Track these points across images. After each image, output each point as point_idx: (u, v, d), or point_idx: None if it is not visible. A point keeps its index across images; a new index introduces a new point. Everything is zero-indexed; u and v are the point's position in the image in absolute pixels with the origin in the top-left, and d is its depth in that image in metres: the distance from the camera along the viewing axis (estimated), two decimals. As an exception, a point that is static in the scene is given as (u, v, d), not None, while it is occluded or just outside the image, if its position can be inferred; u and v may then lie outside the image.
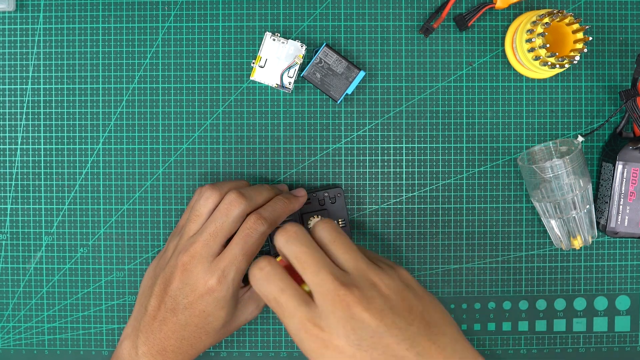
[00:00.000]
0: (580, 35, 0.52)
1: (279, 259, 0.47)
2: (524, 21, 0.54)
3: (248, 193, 0.51)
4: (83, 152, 0.58)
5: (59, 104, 0.57)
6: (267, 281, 0.43)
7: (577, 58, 0.52)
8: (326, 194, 0.56)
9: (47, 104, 0.57)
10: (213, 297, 0.49)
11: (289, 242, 0.44)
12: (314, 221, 0.55)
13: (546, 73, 0.56)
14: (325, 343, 0.40)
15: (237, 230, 0.50)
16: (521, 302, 0.59)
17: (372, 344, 0.39)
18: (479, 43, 0.58)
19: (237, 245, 0.49)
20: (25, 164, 0.58)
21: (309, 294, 0.42)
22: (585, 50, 0.52)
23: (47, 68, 0.57)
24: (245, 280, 0.55)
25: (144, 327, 0.51)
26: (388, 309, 0.40)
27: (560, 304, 0.59)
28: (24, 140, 0.58)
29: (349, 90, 0.55)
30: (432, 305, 0.43)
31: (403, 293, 0.42)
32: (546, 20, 0.51)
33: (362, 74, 0.55)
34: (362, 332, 0.40)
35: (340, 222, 0.56)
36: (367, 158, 0.58)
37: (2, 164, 0.58)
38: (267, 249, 0.55)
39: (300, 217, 0.55)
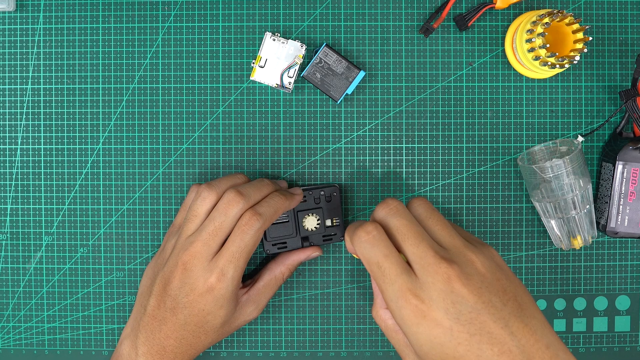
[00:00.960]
0: (580, 35, 0.52)
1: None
2: (524, 21, 0.54)
3: (246, 191, 0.51)
4: (83, 152, 0.58)
5: (59, 104, 0.57)
6: (372, 245, 0.43)
7: (577, 58, 0.52)
8: (322, 192, 0.56)
9: (47, 104, 0.57)
10: (212, 296, 0.49)
11: (389, 214, 0.44)
12: (308, 219, 0.55)
13: (546, 73, 0.56)
14: (423, 313, 0.41)
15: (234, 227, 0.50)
16: (521, 302, 0.59)
17: (470, 319, 0.40)
18: (479, 43, 0.58)
19: (234, 243, 0.49)
20: (25, 164, 0.58)
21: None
22: (585, 50, 0.52)
23: (47, 68, 0.57)
24: (245, 280, 0.55)
25: (144, 327, 0.51)
26: (485, 287, 0.41)
27: (560, 304, 0.59)
28: (24, 140, 0.58)
29: (349, 90, 0.55)
30: (522, 289, 0.43)
31: (497, 273, 0.42)
32: (546, 20, 0.51)
33: (362, 74, 0.55)
34: (461, 307, 0.40)
35: (334, 221, 0.56)
36: (367, 158, 0.58)
37: (2, 164, 0.58)
38: (260, 249, 0.55)
39: (295, 215, 0.55)
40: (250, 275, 0.57)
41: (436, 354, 0.41)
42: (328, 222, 0.55)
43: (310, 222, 0.55)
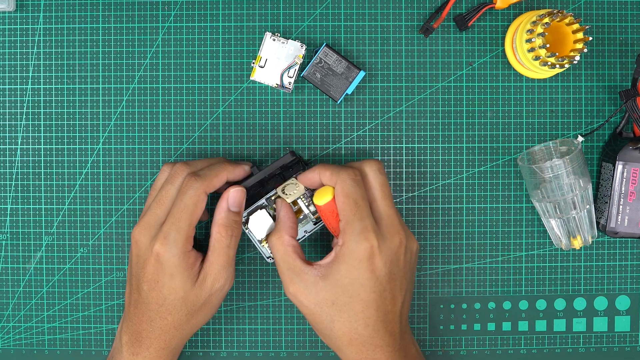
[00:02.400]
0: (580, 35, 0.52)
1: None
2: (524, 21, 0.54)
3: (193, 162, 0.52)
4: (83, 152, 0.58)
5: (59, 104, 0.57)
6: (356, 185, 0.50)
7: (577, 58, 0.52)
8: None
9: (47, 104, 0.57)
10: (160, 263, 0.49)
11: (377, 172, 0.51)
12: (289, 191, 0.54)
13: (546, 73, 0.56)
14: (372, 255, 0.48)
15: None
16: (521, 302, 0.59)
17: (392, 279, 0.50)
18: (479, 43, 0.58)
19: (175, 206, 0.50)
20: (25, 164, 0.58)
21: None
22: (585, 50, 0.52)
23: (47, 68, 0.57)
24: (202, 250, 0.52)
25: (125, 316, 0.52)
26: (409, 264, 0.51)
27: (560, 304, 0.59)
28: (24, 140, 0.58)
29: (349, 90, 0.55)
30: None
31: (415, 260, 0.53)
32: (546, 20, 0.51)
33: (362, 74, 0.55)
34: (394, 268, 0.50)
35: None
36: (367, 158, 0.58)
37: (2, 164, 0.58)
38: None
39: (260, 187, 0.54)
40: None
41: (351, 289, 0.49)
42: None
43: (291, 188, 0.54)
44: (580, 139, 0.55)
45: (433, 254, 0.58)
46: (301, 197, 0.53)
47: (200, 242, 0.54)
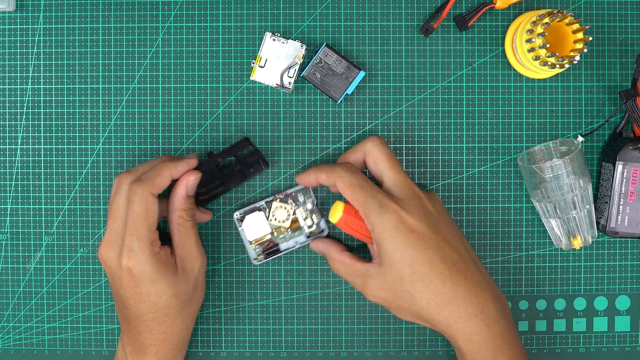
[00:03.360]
0: (580, 35, 0.52)
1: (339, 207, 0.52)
2: (524, 21, 0.54)
3: (135, 168, 0.52)
4: (83, 152, 0.58)
5: (59, 104, 0.57)
6: (352, 173, 0.51)
7: (577, 58, 0.52)
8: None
9: (47, 104, 0.57)
10: (134, 276, 0.49)
11: (382, 144, 0.52)
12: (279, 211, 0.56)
13: (546, 73, 0.56)
14: (402, 219, 0.49)
15: None
16: (521, 302, 0.59)
17: (436, 229, 0.50)
18: (479, 43, 0.58)
19: (128, 217, 0.49)
20: (25, 164, 0.58)
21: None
22: (585, 50, 0.52)
23: (47, 68, 0.57)
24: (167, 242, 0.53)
25: (123, 329, 0.52)
26: (442, 210, 0.53)
27: (560, 304, 0.59)
28: (24, 140, 0.58)
29: (349, 90, 0.55)
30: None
31: (446, 210, 0.54)
32: (546, 20, 0.51)
33: (362, 74, 0.55)
34: (430, 219, 0.50)
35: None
36: (367, 158, 0.58)
37: (2, 164, 0.58)
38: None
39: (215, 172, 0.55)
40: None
41: (407, 258, 0.49)
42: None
43: (281, 214, 0.56)
44: (580, 139, 0.55)
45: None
46: (294, 214, 0.56)
47: (164, 232, 0.54)
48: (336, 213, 0.52)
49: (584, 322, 0.59)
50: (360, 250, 0.58)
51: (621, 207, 0.55)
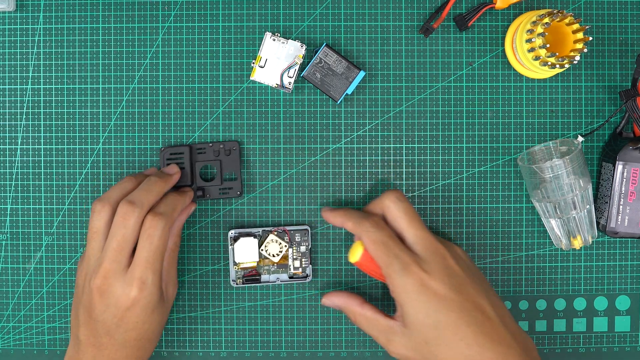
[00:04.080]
0: (580, 35, 0.52)
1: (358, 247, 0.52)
2: (524, 21, 0.54)
3: (137, 198, 0.50)
4: (83, 152, 0.58)
5: (59, 104, 0.57)
6: (378, 228, 0.50)
7: (577, 58, 0.52)
8: (222, 146, 0.56)
9: (47, 104, 0.57)
10: (140, 307, 0.49)
11: (400, 199, 0.51)
12: (271, 245, 0.56)
13: (546, 73, 0.56)
14: (424, 282, 0.48)
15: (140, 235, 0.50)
16: (521, 302, 0.59)
17: (460, 290, 0.48)
18: (479, 43, 0.58)
19: (144, 250, 0.49)
20: (25, 164, 0.58)
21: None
22: (585, 50, 0.52)
23: (47, 68, 0.57)
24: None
25: (84, 356, 0.50)
26: (467, 268, 0.51)
27: (560, 304, 0.59)
28: (24, 140, 0.58)
29: (349, 90, 0.55)
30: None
31: (471, 262, 0.53)
32: (546, 20, 0.51)
33: (362, 74, 0.55)
34: (454, 280, 0.49)
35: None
36: (367, 158, 0.58)
37: (2, 164, 0.58)
38: None
39: (192, 165, 0.56)
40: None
41: (431, 322, 0.47)
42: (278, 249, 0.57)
43: (273, 248, 0.56)
44: (580, 139, 0.55)
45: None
46: (286, 251, 0.57)
47: None
48: (356, 252, 0.52)
49: (584, 322, 0.59)
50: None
51: (621, 207, 0.55)
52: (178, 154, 0.56)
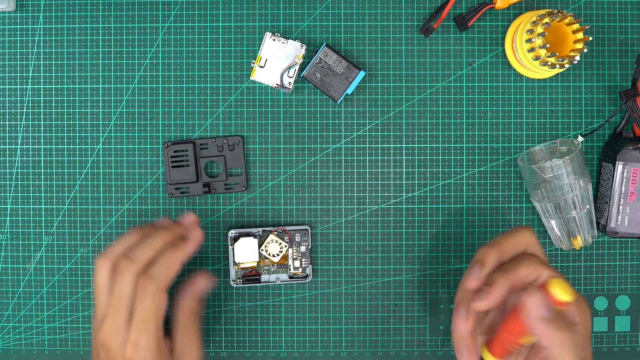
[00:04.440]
0: (580, 35, 0.52)
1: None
2: (524, 21, 0.54)
3: (135, 254, 0.49)
4: (83, 152, 0.58)
5: (59, 104, 0.57)
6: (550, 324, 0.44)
7: (577, 58, 0.52)
8: (225, 141, 0.56)
9: (47, 104, 0.57)
10: None
11: (553, 321, 0.44)
12: (271, 245, 0.56)
13: (546, 73, 0.56)
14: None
15: None
16: (521, 302, 0.59)
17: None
18: (479, 43, 0.58)
19: (136, 312, 0.48)
20: (25, 164, 0.58)
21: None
22: (585, 50, 0.52)
23: (47, 68, 0.57)
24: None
25: None
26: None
27: (560, 304, 0.59)
28: (24, 140, 0.58)
29: (349, 90, 0.55)
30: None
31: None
32: (546, 20, 0.51)
33: (362, 74, 0.55)
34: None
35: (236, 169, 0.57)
36: (367, 158, 0.58)
37: (2, 164, 0.58)
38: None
39: (196, 161, 0.56)
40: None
41: None
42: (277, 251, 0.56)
43: (273, 248, 0.56)
44: (580, 139, 0.55)
45: (433, 254, 0.58)
46: (285, 250, 0.56)
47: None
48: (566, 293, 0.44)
49: (584, 322, 0.59)
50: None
51: (621, 207, 0.55)
52: (182, 150, 0.56)
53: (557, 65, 0.52)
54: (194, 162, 0.56)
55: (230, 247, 0.56)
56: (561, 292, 0.43)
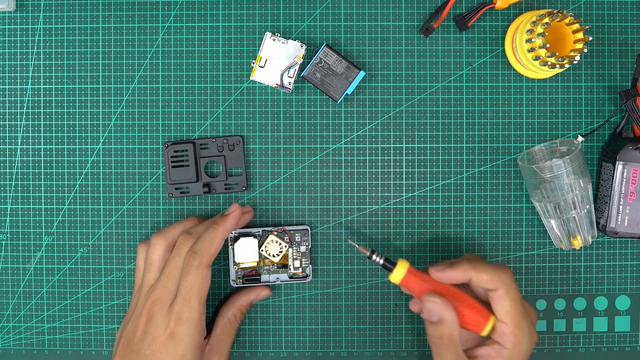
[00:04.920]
0: (580, 35, 0.52)
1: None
2: (524, 21, 0.54)
3: (196, 230, 0.52)
4: (83, 152, 0.58)
5: (59, 104, 0.57)
6: (516, 286, 0.51)
7: (577, 58, 0.52)
8: (225, 141, 0.56)
9: (47, 104, 0.57)
10: (174, 343, 0.48)
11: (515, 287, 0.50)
12: (271, 246, 0.56)
13: (546, 73, 0.56)
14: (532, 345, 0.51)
15: None
16: (521, 302, 0.59)
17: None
18: (479, 43, 0.58)
19: (182, 286, 0.49)
20: (25, 164, 0.58)
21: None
22: (585, 50, 0.52)
23: (47, 68, 0.57)
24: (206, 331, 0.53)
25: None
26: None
27: (560, 304, 0.59)
28: (24, 140, 0.58)
29: (349, 90, 0.55)
30: None
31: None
32: (546, 20, 0.51)
33: (362, 74, 0.55)
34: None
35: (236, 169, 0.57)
36: (367, 158, 0.58)
37: (2, 164, 0.58)
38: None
39: (196, 160, 0.56)
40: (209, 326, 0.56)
41: None
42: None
43: (273, 248, 0.56)
44: (580, 139, 0.55)
45: (433, 254, 0.58)
46: (285, 250, 0.56)
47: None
48: (398, 274, 0.51)
49: (584, 322, 0.59)
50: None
51: (621, 207, 0.55)
52: (182, 150, 0.56)
53: (557, 65, 0.52)
54: (194, 162, 0.56)
55: (230, 247, 0.56)
56: (487, 329, 0.49)
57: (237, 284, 0.57)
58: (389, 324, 0.59)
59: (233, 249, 0.56)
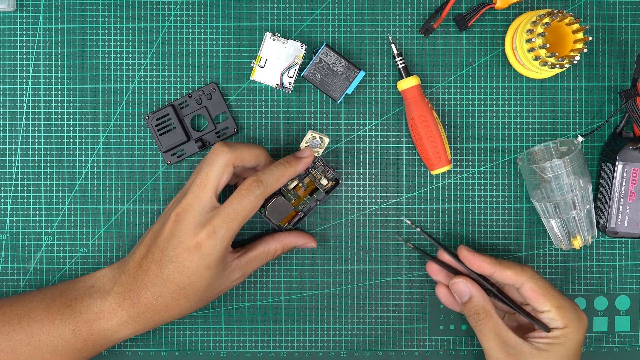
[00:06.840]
0: (580, 35, 0.52)
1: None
2: (524, 21, 0.54)
3: (234, 144, 0.51)
4: (83, 152, 0.58)
5: (59, 104, 0.57)
6: (539, 275, 0.52)
7: (577, 58, 0.52)
8: (201, 92, 0.56)
9: (47, 104, 0.57)
10: (199, 253, 0.49)
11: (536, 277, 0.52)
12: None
13: (546, 73, 0.56)
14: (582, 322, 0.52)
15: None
16: (521, 302, 0.59)
17: None
18: (479, 43, 0.58)
19: (231, 204, 0.49)
20: (25, 164, 0.58)
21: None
22: (585, 50, 0.52)
23: (47, 68, 0.57)
24: (235, 246, 0.54)
25: (128, 270, 0.51)
26: None
27: (560, 304, 0.59)
28: (24, 140, 0.58)
29: (349, 90, 0.55)
30: None
31: None
32: (546, 20, 0.51)
33: (362, 74, 0.55)
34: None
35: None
36: (367, 158, 0.58)
37: (2, 164, 0.58)
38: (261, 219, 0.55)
39: (181, 120, 0.56)
40: (241, 244, 0.56)
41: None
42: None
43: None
44: (580, 139, 0.55)
45: (433, 254, 0.58)
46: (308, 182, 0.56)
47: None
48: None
49: (584, 322, 0.59)
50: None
51: (621, 207, 0.55)
52: (164, 116, 0.56)
53: (557, 65, 0.52)
54: (179, 123, 0.56)
55: (264, 218, 0.56)
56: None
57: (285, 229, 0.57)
58: (389, 324, 0.59)
59: (268, 217, 0.55)
